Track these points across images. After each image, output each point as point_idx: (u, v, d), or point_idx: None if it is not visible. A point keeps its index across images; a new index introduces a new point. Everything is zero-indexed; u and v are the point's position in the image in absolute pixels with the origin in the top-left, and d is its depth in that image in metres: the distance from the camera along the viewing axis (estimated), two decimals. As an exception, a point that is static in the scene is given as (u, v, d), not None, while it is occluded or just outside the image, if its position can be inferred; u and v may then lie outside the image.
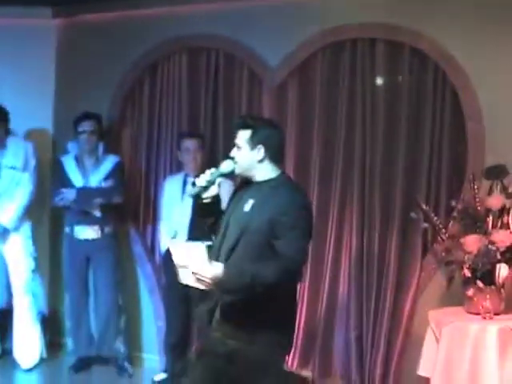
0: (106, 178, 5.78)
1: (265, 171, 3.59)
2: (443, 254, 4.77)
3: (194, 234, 5.09)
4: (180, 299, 5.51)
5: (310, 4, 5.41)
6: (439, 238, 4.82)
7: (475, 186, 4.72)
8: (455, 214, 4.75)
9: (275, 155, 3.61)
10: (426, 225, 4.92)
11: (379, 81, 5.32)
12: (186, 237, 5.34)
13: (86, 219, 5.76)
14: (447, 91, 5.07)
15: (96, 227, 5.79)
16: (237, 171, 3.64)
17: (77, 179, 5.81)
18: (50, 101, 6.23)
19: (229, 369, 2.95)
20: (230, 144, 5.31)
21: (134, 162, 6.14)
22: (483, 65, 4.93)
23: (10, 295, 6.00)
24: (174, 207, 5.52)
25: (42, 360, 5.95)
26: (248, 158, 3.58)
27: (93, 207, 5.74)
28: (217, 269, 3.35)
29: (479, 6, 4.93)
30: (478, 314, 4.50)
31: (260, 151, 3.56)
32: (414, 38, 5.10)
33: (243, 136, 3.59)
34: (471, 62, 4.95)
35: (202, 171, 5.17)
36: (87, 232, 5.78)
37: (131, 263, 6.12)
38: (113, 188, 5.76)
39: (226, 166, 3.64)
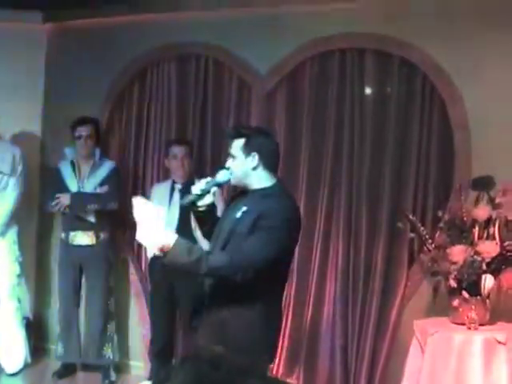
0: (102, 184, 5.73)
1: (259, 179, 3.63)
2: (429, 264, 4.76)
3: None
4: (165, 306, 5.51)
5: (300, 13, 5.42)
6: (425, 248, 4.81)
7: (462, 197, 4.73)
8: (442, 224, 4.76)
9: (269, 163, 3.65)
10: (412, 235, 4.91)
11: (368, 91, 5.35)
12: None
13: (81, 225, 5.72)
14: (435, 102, 5.10)
15: (91, 233, 5.74)
16: (233, 181, 3.69)
17: (73, 185, 5.77)
18: (39, 105, 6.21)
19: (212, 374, 2.98)
20: (218, 151, 5.52)
21: (121, 169, 6.07)
22: (471, 76, 4.95)
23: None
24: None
25: (26, 365, 5.91)
26: (242, 166, 3.61)
27: (87, 213, 5.69)
28: (169, 238, 3.38)
29: (467, 19, 4.97)
30: (463, 324, 4.50)
31: (254, 158, 3.59)
32: (403, 48, 5.13)
33: (237, 145, 3.63)
34: (459, 73, 4.98)
35: (190, 178, 5.35)
36: (82, 238, 5.73)
37: (120, 269, 6.09)
38: (108, 194, 5.71)
39: (221, 176, 3.68)
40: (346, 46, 5.31)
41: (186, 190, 5.00)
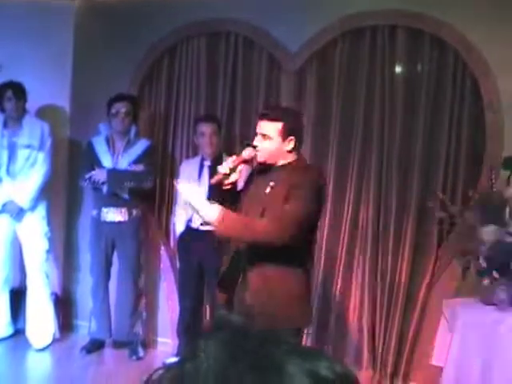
0: (136, 161, 5.72)
1: (288, 157, 3.82)
2: (459, 243, 4.82)
3: None
4: (193, 282, 5.55)
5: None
6: (455, 227, 4.87)
7: (493, 176, 4.73)
8: (472, 203, 4.77)
9: (301, 143, 3.89)
10: (442, 214, 4.94)
11: (398, 68, 5.33)
12: (200, 220, 5.34)
13: (114, 201, 5.71)
14: (467, 80, 5.09)
15: (124, 210, 5.73)
16: (260, 159, 3.82)
17: (107, 161, 5.76)
18: (68, 80, 6.20)
19: (243, 344, 3.09)
20: (247, 128, 5.54)
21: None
22: (504, 53, 4.94)
23: (23, 275, 6.00)
24: None
25: (54, 340, 5.95)
26: (278, 148, 3.78)
27: (123, 190, 5.70)
28: (214, 211, 3.65)
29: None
30: (492, 304, 4.49)
31: (291, 142, 3.77)
32: (434, 25, 5.10)
33: (273, 127, 3.76)
34: (492, 50, 4.97)
35: (219, 155, 5.37)
36: (114, 214, 5.74)
37: (150, 246, 6.12)
38: (144, 172, 5.70)
39: (248, 154, 3.79)
40: (376, 23, 5.29)
41: (215, 167, 5.01)
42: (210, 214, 3.65)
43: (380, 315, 5.32)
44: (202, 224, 5.34)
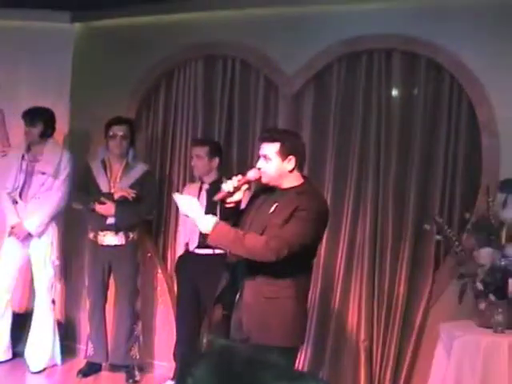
0: (133, 186, 5.72)
1: (292, 179, 3.94)
2: (456, 266, 4.80)
3: (205, 242, 5.10)
4: (191, 307, 5.54)
5: (327, 14, 5.46)
6: (452, 250, 4.83)
7: (489, 199, 4.71)
8: (469, 226, 4.79)
9: (302, 163, 4.03)
10: (439, 237, 4.92)
11: (395, 92, 5.35)
12: (196, 243, 5.42)
13: (111, 225, 5.70)
14: (463, 104, 5.10)
15: (121, 233, 5.73)
16: (264, 180, 3.96)
17: (104, 184, 5.76)
18: (66, 104, 6.23)
19: (231, 366, 3.20)
20: (245, 151, 5.60)
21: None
22: (499, 78, 4.95)
23: (30, 300, 6.08)
24: None
25: (55, 366, 5.96)
26: (279, 168, 3.91)
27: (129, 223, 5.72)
28: (209, 221, 3.81)
29: (497, 19, 4.95)
30: (489, 327, 4.50)
31: (291, 162, 3.89)
32: (430, 49, 5.12)
33: (272, 149, 3.90)
34: (487, 74, 4.97)
35: (218, 178, 5.39)
36: (112, 238, 5.73)
37: (147, 269, 6.12)
38: (147, 206, 5.75)
39: (252, 174, 3.95)
40: (373, 47, 5.32)
41: (213, 190, 5.13)
42: (205, 222, 3.82)
43: (377, 338, 5.30)
44: (198, 247, 5.37)
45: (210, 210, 5.12)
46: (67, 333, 6.27)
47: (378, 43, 5.31)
